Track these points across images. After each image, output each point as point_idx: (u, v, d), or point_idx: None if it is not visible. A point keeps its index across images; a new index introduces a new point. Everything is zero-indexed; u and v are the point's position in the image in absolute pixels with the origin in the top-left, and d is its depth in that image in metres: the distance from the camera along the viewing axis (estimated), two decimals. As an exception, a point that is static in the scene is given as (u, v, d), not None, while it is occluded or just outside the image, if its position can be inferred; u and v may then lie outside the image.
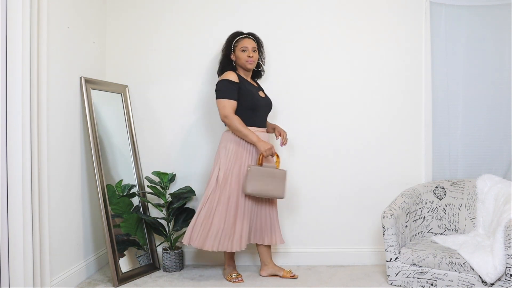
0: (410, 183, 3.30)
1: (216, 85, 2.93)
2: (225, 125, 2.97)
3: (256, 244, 3.01)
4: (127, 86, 3.34)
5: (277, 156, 2.95)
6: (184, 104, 3.35)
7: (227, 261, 3.06)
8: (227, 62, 3.04)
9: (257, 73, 3.14)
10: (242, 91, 2.90)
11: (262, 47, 3.10)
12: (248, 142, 2.89)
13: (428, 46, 3.28)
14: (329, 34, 3.32)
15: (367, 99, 3.33)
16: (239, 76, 2.97)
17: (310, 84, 3.32)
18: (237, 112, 2.89)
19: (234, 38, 3.01)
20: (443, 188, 3.20)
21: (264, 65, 3.14)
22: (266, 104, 3.02)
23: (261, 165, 2.86)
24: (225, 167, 2.88)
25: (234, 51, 3.00)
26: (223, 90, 2.88)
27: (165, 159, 3.34)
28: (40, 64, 2.51)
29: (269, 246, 3.03)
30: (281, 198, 2.87)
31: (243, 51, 2.96)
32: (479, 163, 3.36)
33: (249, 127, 2.89)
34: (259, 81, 3.20)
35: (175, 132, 3.35)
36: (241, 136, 2.87)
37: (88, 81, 3.00)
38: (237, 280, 2.93)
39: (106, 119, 3.13)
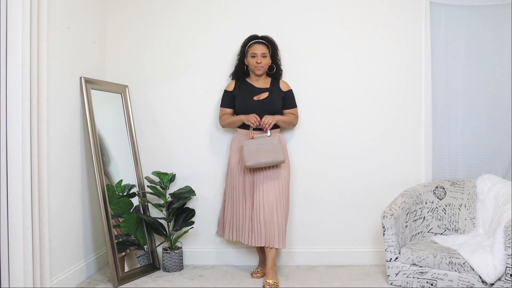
0: (410, 183, 3.30)
1: None
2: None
3: None
4: (127, 86, 3.34)
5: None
6: (184, 104, 3.35)
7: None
8: (241, 67, 3.12)
9: (276, 73, 3.16)
10: (235, 98, 3.08)
11: (277, 50, 3.12)
12: (244, 128, 3.04)
13: (428, 46, 3.28)
14: (328, 34, 3.32)
15: (367, 99, 3.33)
16: (238, 83, 3.12)
17: (310, 85, 3.32)
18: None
19: (247, 43, 3.07)
20: (443, 188, 3.20)
21: (280, 65, 3.16)
22: (261, 107, 3.01)
23: (252, 138, 2.95)
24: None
25: (246, 57, 3.07)
26: (221, 99, 3.16)
27: (165, 159, 3.34)
28: (40, 64, 2.51)
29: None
30: (282, 161, 2.89)
31: (253, 57, 3.02)
32: (479, 163, 3.35)
33: (243, 130, 3.04)
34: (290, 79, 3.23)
35: (175, 132, 3.35)
36: (234, 125, 3.08)
37: (88, 81, 3.00)
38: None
39: (106, 119, 3.13)
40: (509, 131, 3.33)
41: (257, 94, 3.06)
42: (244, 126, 3.03)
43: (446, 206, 3.17)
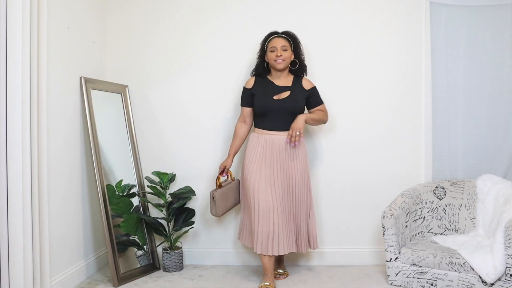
0: (410, 183, 3.30)
1: None
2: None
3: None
4: (127, 86, 3.34)
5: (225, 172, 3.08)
6: (184, 104, 3.35)
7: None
8: (262, 64, 3.00)
9: (300, 70, 3.01)
10: (255, 97, 2.95)
11: (299, 44, 3.01)
12: (261, 128, 2.95)
13: (428, 46, 3.28)
14: (328, 34, 3.32)
15: (366, 99, 3.33)
16: (258, 79, 2.99)
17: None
18: (253, 115, 3.02)
19: (267, 39, 2.97)
20: (443, 188, 3.20)
21: (304, 60, 3.03)
22: (281, 107, 2.88)
23: (220, 186, 3.02)
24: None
25: (266, 52, 2.97)
26: (241, 96, 3.05)
27: (165, 159, 3.34)
28: (40, 64, 2.52)
29: None
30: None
31: (272, 51, 2.90)
32: (479, 163, 3.35)
33: (261, 129, 2.93)
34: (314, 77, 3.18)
35: (175, 132, 3.35)
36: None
37: (88, 81, 3.00)
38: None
39: (106, 119, 3.14)
40: (509, 131, 3.33)
41: (277, 93, 2.92)
42: (261, 125, 2.93)
43: (446, 206, 3.17)
